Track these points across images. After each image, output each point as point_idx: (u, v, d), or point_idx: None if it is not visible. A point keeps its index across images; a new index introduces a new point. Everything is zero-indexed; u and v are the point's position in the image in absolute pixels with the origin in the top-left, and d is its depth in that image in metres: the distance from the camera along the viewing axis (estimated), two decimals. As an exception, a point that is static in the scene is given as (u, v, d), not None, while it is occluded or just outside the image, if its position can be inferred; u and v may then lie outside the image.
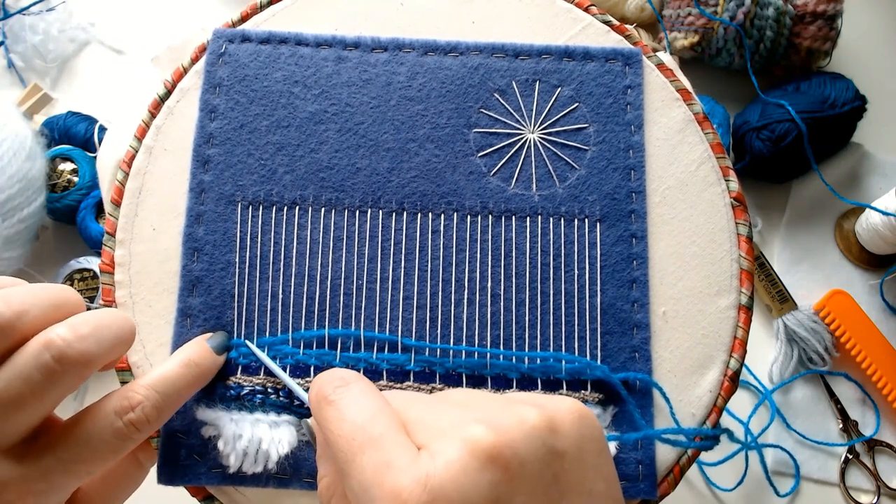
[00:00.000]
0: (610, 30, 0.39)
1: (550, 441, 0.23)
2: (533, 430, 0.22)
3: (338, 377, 0.27)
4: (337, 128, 0.37)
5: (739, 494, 0.58)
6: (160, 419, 0.29)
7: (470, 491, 0.21)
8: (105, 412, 0.28)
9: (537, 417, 0.23)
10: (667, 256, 0.35)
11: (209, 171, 0.36)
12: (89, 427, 0.27)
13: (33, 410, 0.26)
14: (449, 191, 0.36)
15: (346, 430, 0.24)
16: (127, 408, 0.28)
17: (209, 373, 0.32)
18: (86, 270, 0.59)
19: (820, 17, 0.62)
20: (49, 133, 0.64)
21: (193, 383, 0.31)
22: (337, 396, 0.25)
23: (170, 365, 0.30)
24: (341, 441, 0.24)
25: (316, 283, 0.35)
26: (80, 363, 0.26)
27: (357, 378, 0.26)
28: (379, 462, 0.22)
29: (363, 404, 0.25)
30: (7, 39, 0.71)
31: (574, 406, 0.24)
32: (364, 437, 0.23)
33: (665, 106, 0.37)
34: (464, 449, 0.21)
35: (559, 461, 0.23)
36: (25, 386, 0.25)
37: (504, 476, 0.21)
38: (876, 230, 0.61)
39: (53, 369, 0.25)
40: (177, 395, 0.29)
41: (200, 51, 0.38)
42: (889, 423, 0.60)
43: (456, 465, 0.21)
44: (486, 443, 0.22)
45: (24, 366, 0.25)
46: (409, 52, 0.38)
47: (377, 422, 0.24)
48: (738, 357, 0.34)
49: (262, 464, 0.32)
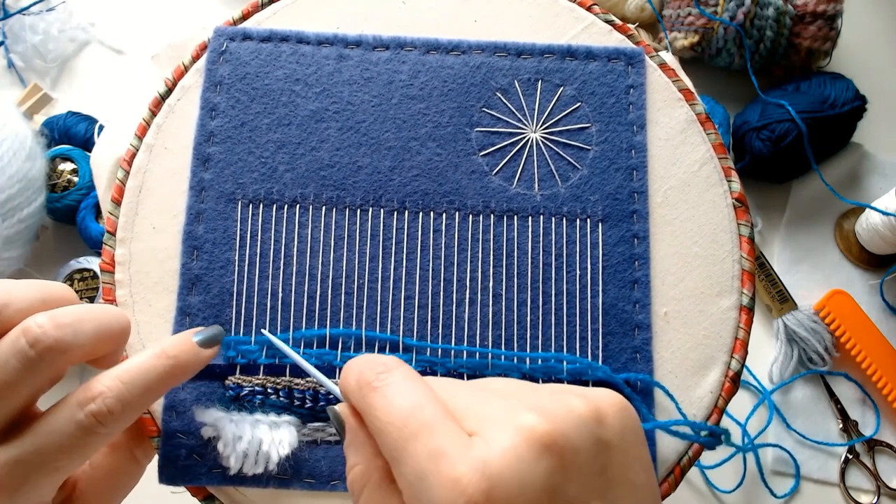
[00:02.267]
0: (612, 29, 0.39)
1: (598, 431, 0.23)
2: (581, 419, 0.22)
3: (379, 363, 0.26)
4: (338, 126, 0.37)
5: (741, 495, 0.58)
6: (125, 412, 0.27)
7: (527, 478, 0.21)
8: (68, 403, 0.27)
9: (585, 407, 0.23)
10: (668, 257, 0.35)
11: (209, 170, 0.36)
12: (52, 419, 0.27)
13: (9, 398, 0.26)
14: (451, 190, 0.36)
15: (396, 416, 0.23)
16: (88, 398, 0.27)
17: (188, 366, 0.30)
18: (86, 270, 0.59)
19: (820, 17, 0.62)
20: (49, 133, 0.64)
21: (167, 376, 0.29)
22: (381, 382, 0.25)
23: (141, 356, 0.29)
24: (391, 428, 0.23)
25: (316, 282, 0.35)
26: (55, 350, 0.26)
27: (399, 363, 0.26)
28: (433, 449, 0.22)
29: (409, 390, 0.24)
30: (7, 39, 0.71)
31: (617, 397, 0.24)
32: (415, 424, 0.23)
33: (667, 106, 0.37)
34: (518, 436, 0.21)
35: (606, 452, 0.23)
36: (2, 372, 0.25)
37: (559, 464, 0.21)
38: (876, 230, 0.61)
39: (28, 355, 0.25)
40: (145, 388, 0.28)
41: (201, 49, 0.38)
42: (889, 423, 0.60)
43: (511, 452, 0.21)
44: (541, 430, 0.21)
45: (1, 353, 0.26)
46: (410, 51, 0.38)
47: (426, 408, 0.23)
48: (739, 358, 0.34)
49: (262, 465, 0.32)
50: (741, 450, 0.57)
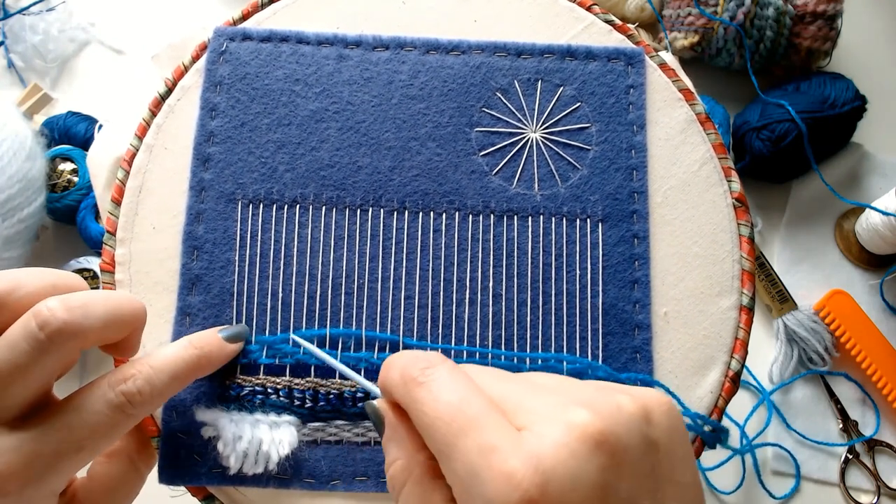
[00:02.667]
0: (612, 29, 0.39)
1: (646, 430, 0.23)
2: (631, 418, 0.22)
3: (423, 358, 0.25)
4: (338, 126, 0.37)
5: (741, 495, 0.58)
6: (153, 395, 0.28)
7: (580, 475, 0.21)
8: (99, 384, 0.28)
9: (633, 405, 0.23)
10: (668, 257, 0.35)
11: (209, 170, 0.36)
12: (83, 398, 0.27)
13: (24, 382, 0.26)
14: (451, 190, 0.36)
15: (443, 411, 0.23)
16: (120, 380, 0.28)
17: (214, 358, 0.31)
18: (86, 270, 0.59)
19: (820, 17, 0.62)
20: (49, 133, 0.64)
21: (194, 365, 0.30)
22: (427, 378, 0.24)
23: (169, 346, 0.30)
24: (439, 423, 0.23)
25: (317, 282, 0.35)
26: (65, 333, 0.26)
27: (443, 359, 0.26)
28: (484, 444, 0.22)
29: (456, 385, 0.24)
30: (7, 39, 0.71)
31: (664, 396, 0.24)
32: (463, 419, 0.22)
33: (667, 106, 0.37)
34: (571, 433, 0.21)
35: (654, 451, 0.23)
36: (12, 354, 0.26)
37: (611, 462, 0.21)
38: (876, 230, 0.61)
39: (38, 338, 0.26)
40: (173, 374, 0.29)
41: (201, 49, 0.38)
42: (889, 423, 0.60)
43: (565, 448, 0.21)
44: (594, 427, 0.21)
45: (12, 335, 0.26)
46: (410, 51, 0.38)
47: (473, 402, 0.23)
48: (739, 358, 0.34)
49: (262, 465, 0.32)
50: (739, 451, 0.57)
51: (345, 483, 0.32)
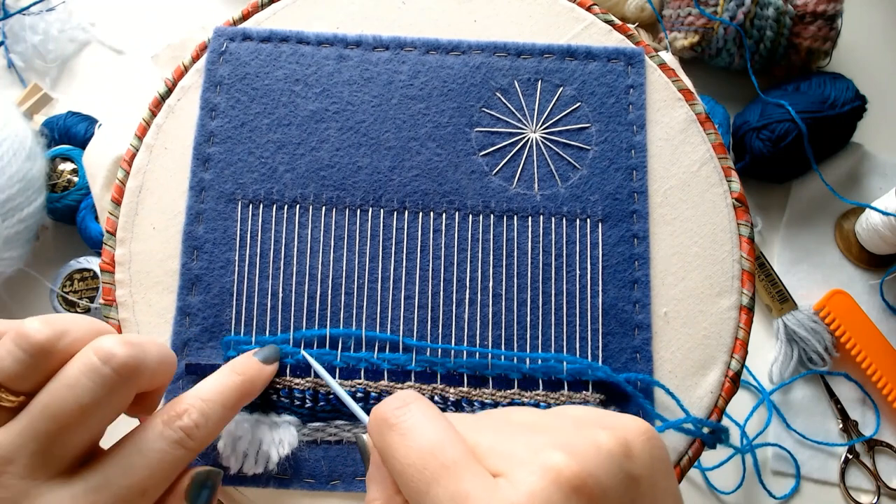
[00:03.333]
0: (612, 29, 0.39)
1: (627, 466, 0.22)
2: (610, 456, 0.22)
3: (398, 398, 0.25)
4: (338, 126, 0.37)
5: (741, 495, 0.58)
6: (209, 426, 0.28)
7: None
8: (152, 424, 0.27)
9: (612, 442, 0.22)
10: (668, 257, 0.35)
11: (209, 170, 0.36)
12: (139, 440, 0.26)
13: (86, 423, 0.25)
14: (450, 190, 0.36)
15: (415, 458, 0.22)
16: (174, 416, 0.27)
17: (257, 381, 0.31)
18: (86, 270, 0.59)
19: (820, 17, 0.62)
20: (49, 133, 0.64)
21: (240, 392, 0.30)
22: (398, 419, 0.24)
23: (213, 375, 0.30)
24: (411, 470, 0.22)
25: (316, 282, 0.35)
26: (129, 367, 0.25)
27: (416, 398, 0.25)
28: (456, 493, 0.21)
29: (429, 428, 0.23)
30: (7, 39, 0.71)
31: (643, 427, 0.24)
32: (436, 466, 0.22)
33: (667, 106, 0.37)
34: (546, 478, 0.21)
35: (635, 486, 0.22)
36: (74, 393, 0.25)
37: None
38: (876, 230, 0.61)
39: (102, 373, 0.25)
40: (224, 404, 0.29)
41: (201, 49, 0.38)
42: (889, 423, 0.60)
43: (540, 495, 0.20)
44: (569, 472, 0.21)
45: (70, 374, 0.25)
46: (410, 51, 0.38)
47: (447, 447, 0.22)
48: (739, 358, 0.34)
49: (262, 465, 0.32)
50: (740, 451, 0.57)
51: (344, 483, 0.32)
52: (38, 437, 0.24)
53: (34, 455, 0.24)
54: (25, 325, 0.25)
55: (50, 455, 0.25)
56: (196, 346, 0.34)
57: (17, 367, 0.25)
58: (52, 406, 0.24)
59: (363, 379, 0.34)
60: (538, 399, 0.33)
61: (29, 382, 0.25)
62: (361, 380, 0.34)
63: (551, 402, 0.33)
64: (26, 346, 0.25)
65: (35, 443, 0.24)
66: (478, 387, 0.34)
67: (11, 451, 0.24)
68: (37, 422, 0.24)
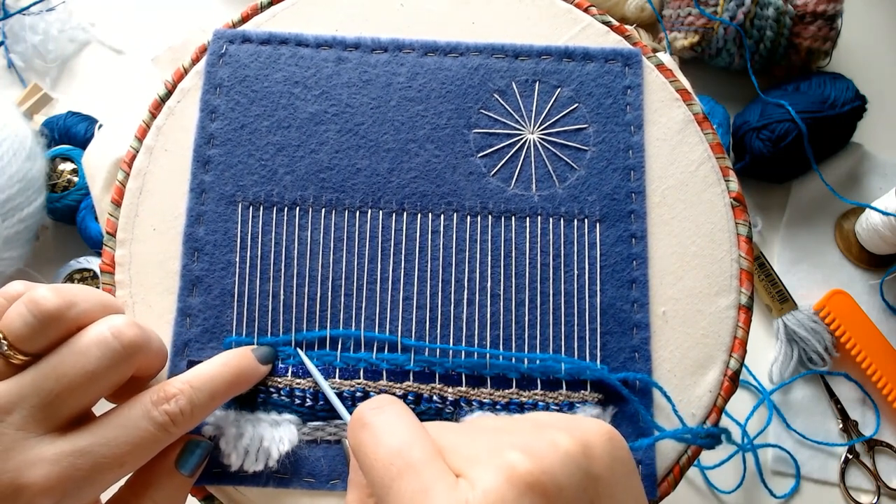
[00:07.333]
0: (609, 30, 0.39)
1: (585, 465, 0.23)
2: (567, 455, 0.22)
3: (374, 401, 0.27)
4: (337, 128, 0.37)
5: (741, 495, 0.58)
6: (193, 414, 0.29)
7: None
8: (141, 401, 0.28)
9: (571, 442, 0.23)
10: (667, 256, 0.35)
11: (210, 172, 0.36)
12: (125, 415, 0.28)
13: (87, 389, 0.27)
14: (449, 191, 0.36)
15: (382, 455, 0.24)
16: (163, 398, 0.28)
17: (248, 376, 0.32)
18: (86, 270, 0.59)
19: (820, 17, 0.62)
20: (49, 133, 0.64)
21: (230, 383, 0.31)
22: (371, 420, 0.25)
23: (206, 364, 0.31)
24: (378, 466, 0.23)
25: (316, 284, 0.35)
26: (135, 345, 0.28)
27: (391, 401, 0.26)
28: (417, 490, 0.22)
29: (399, 429, 0.25)
30: (7, 39, 0.71)
31: (603, 428, 0.24)
32: (401, 463, 0.23)
33: (665, 106, 0.37)
34: (502, 477, 0.21)
35: (594, 486, 0.23)
36: (83, 360, 0.27)
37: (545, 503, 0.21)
38: (876, 230, 0.61)
39: (112, 346, 0.27)
40: (212, 393, 0.30)
41: (201, 51, 0.38)
42: (889, 423, 0.60)
43: (495, 493, 0.21)
44: (524, 470, 0.22)
45: (82, 343, 0.27)
46: (409, 53, 0.38)
47: (415, 447, 0.23)
48: (738, 357, 0.34)
49: (262, 462, 0.32)
50: (742, 449, 0.57)
51: (344, 482, 0.33)
52: (40, 392, 0.26)
53: (33, 408, 0.26)
54: (38, 292, 0.27)
55: (47, 412, 0.27)
56: (196, 346, 0.34)
57: (26, 330, 0.27)
58: (59, 368, 0.27)
59: (363, 379, 0.34)
60: (536, 399, 0.33)
61: (36, 345, 0.27)
62: (361, 380, 0.34)
63: (549, 401, 0.33)
64: (36, 312, 0.27)
65: (37, 397, 0.26)
66: (476, 386, 0.34)
67: (13, 401, 0.26)
68: (42, 380, 0.27)
